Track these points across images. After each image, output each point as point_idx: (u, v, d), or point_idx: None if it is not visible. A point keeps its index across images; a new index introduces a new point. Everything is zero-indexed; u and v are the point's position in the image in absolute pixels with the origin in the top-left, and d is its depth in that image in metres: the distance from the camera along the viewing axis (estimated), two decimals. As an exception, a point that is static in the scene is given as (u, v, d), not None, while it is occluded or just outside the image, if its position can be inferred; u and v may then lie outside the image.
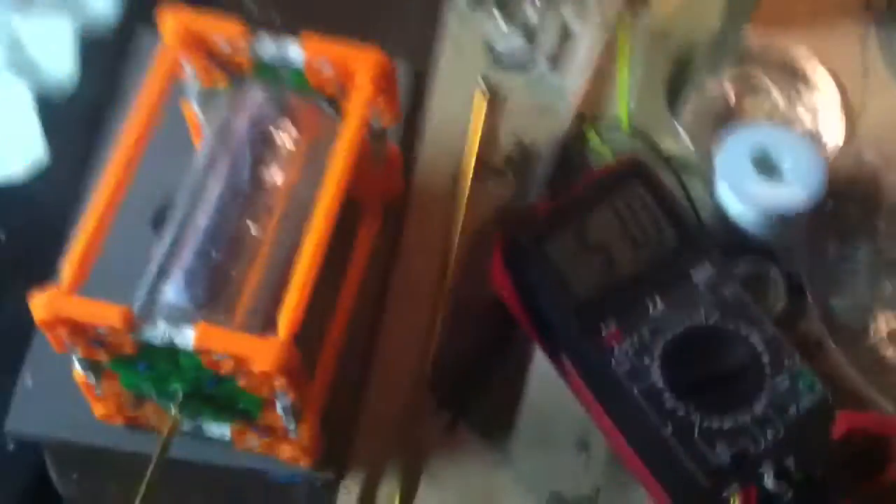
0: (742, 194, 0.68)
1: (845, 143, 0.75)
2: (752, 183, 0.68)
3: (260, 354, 0.53)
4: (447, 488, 0.65)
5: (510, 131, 0.77)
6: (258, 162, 0.62)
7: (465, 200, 0.73)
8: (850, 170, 0.74)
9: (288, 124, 0.63)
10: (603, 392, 0.61)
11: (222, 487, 0.65)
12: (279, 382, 0.55)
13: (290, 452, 0.63)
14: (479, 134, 0.76)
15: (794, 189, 0.68)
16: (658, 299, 0.62)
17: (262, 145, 0.62)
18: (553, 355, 0.64)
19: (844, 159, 0.74)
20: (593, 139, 0.76)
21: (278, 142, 0.62)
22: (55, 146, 0.75)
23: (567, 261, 0.63)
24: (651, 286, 0.62)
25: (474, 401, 0.67)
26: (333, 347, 0.66)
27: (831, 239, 0.71)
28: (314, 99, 0.64)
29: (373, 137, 0.65)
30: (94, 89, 0.77)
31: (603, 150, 0.76)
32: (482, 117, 0.76)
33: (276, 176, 0.62)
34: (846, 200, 0.72)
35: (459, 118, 0.76)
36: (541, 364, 0.66)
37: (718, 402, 0.59)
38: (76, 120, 0.77)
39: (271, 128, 0.62)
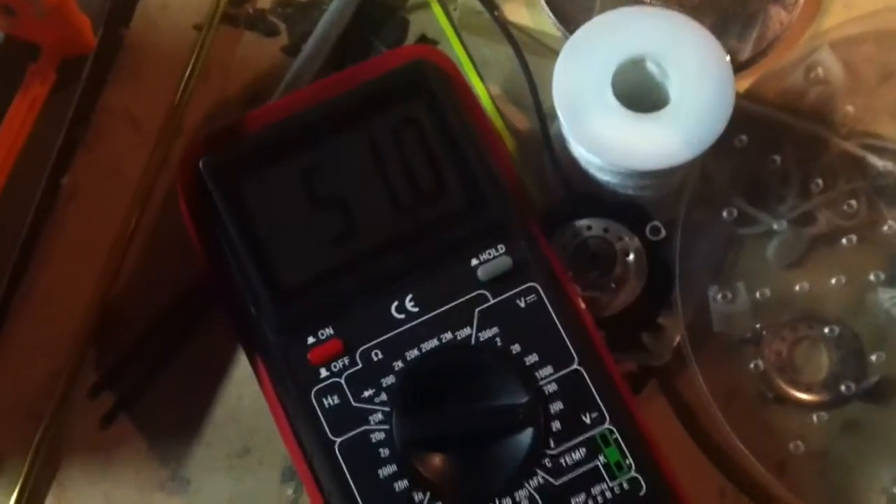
0: (585, 133, 0.43)
1: (795, 40, 0.50)
2: (604, 115, 0.43)
3: None
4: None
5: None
6: None
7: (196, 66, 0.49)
8: (790, 87, 0.49)
9: None
10: (299, 428, 0.39)
11: None
12: None
13: None
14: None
15: (671, 132, 0.43)
16: (409, 297, 0.40)
17: None
18: (246, 345, 0.42)
19: (786, 71, 0.49)
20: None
21: None
22: None
23: (275, 215, 0.40)
24: (402, 276, 0.40)
25: (149, 385, 0.46)
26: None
27: (735, 196, 0.47)
28: None
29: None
30: None
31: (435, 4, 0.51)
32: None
33: None
34: (764, 141, 0.48)
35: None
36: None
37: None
38: None
39: None
